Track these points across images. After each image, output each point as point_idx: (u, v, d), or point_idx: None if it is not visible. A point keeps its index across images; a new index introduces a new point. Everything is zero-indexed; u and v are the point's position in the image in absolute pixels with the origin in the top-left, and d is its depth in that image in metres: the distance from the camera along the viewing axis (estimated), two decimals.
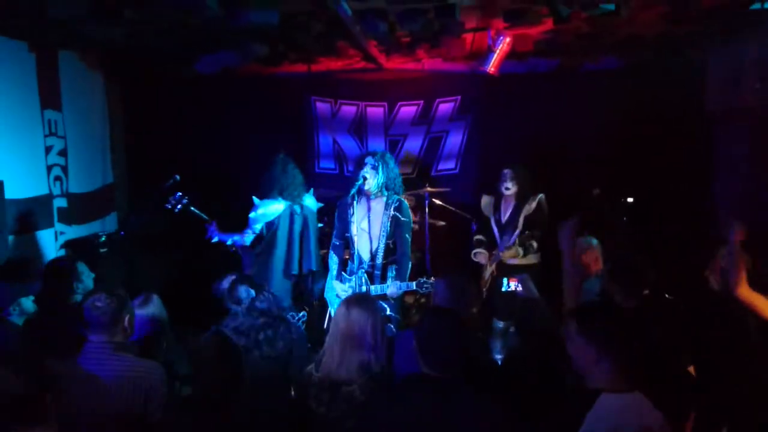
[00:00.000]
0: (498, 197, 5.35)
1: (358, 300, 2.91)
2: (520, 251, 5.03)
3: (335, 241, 4.65)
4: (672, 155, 6.23)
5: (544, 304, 3.36)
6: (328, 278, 4.68)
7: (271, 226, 4.85)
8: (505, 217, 5.26)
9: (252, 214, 4.86)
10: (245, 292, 3.47)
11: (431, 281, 4.19)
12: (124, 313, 2.70)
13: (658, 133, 6.27)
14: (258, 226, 4.84)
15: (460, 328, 2.41)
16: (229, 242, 4.93)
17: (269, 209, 4.84)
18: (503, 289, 3.89)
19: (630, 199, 6.27)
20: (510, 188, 5.20)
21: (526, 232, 5.02)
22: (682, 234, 5.83)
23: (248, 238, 4.87)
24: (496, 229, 5.32)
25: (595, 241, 4.32)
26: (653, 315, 3.02)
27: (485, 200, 5.50)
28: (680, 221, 6.02)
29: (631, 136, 6.42)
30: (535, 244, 5.06)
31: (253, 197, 4.96)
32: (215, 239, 4.94)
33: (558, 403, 2.35)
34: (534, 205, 5.15)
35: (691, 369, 2.87)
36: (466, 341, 2.43)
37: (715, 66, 5.81)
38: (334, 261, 4.62)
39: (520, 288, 3.60)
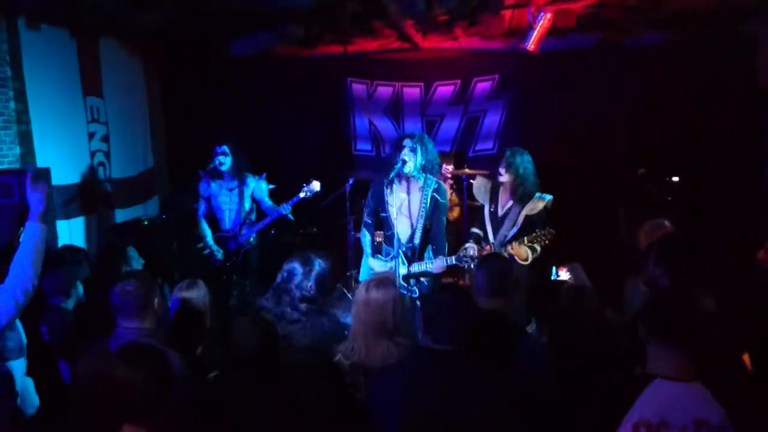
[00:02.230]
0: (496, 185, 4.65)
1: (377, 283, 2.87)
2: (530, 254, 4.30)
3: (367, 219, 4.59)
4: (720, 134, 6.01)
5: (594, 293, 3.29)
6: (364, 259, 4.67)
7: None
8: (502, 210, 4.58)
9: None
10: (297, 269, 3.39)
11: (471, 254, 4.14)
12: (152, 297, 2.70)
13: (705, 110, 6.04)
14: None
15: (466, 303, 2.43)
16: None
17: None
18: (552, 278, 3.73)
19: (676, 179, 6.10)
20: (503, 175, 4.54)
21: (537, 231, 4.31)
22: (730, 215, 5.63)
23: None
24: (489, 222, 4.62)
25: (667, 223, 4.06)
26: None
27: (479, 183, 4.79)
28: (729, 202, 5.82)
29: (677, 114, 6.21)
30: (538, 248, 4.34)
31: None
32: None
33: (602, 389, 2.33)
34: (541, 206, 4.51)
35: (746, 358, 2.77)
36: (472, 317, 2.44)
37: (767, 37, 5.56)
38: (367, 240, 4.59)
39: (570, 276, 3.50)
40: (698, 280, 2.86)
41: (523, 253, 4.28)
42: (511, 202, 4.53)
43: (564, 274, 3.49)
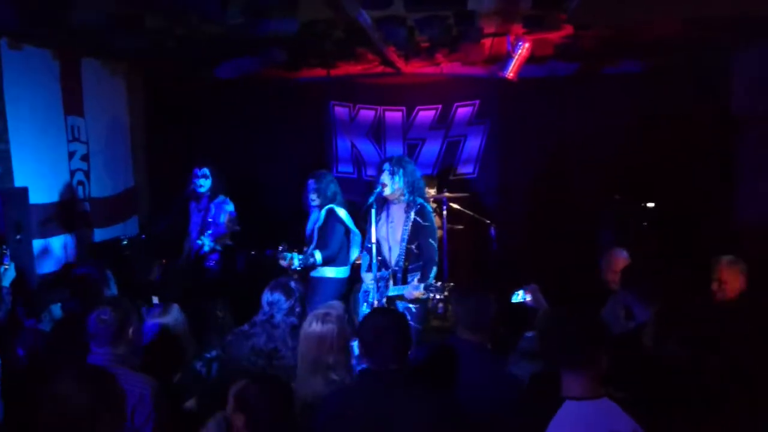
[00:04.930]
0: None
1: (320, 317, 2.85)
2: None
3: (367, 244, 4.62)
4: (694, 160, 6.15)
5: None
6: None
7: None
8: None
9: None
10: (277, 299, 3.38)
11: (438, 285, 4.10)
12: (128, 325, 2.70)
13: (680, 137, 6.19)
14: None
15: (399, 324, 2.51)
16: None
17: None
18: (514, 300, 3.74)
19: (651, 204, 6.21)
20: (314, 200, 4.95)
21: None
22: (704, 239, 5.74)
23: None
24: None
25: (625, 253, 4.22)
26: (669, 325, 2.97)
27: None
28: (702, 227, 5.94)
29: (652, 140, 6.35)
30: None
31: None
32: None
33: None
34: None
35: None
36: (406, 337, 2.50)
37: (740, 69, 5.72)
38: (365, 261, 4.64)
39: (529, 297, 3.54)
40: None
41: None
42: None
43: (525, 296, 3.52)
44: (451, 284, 4.11)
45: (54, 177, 5.47)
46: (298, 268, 4.59)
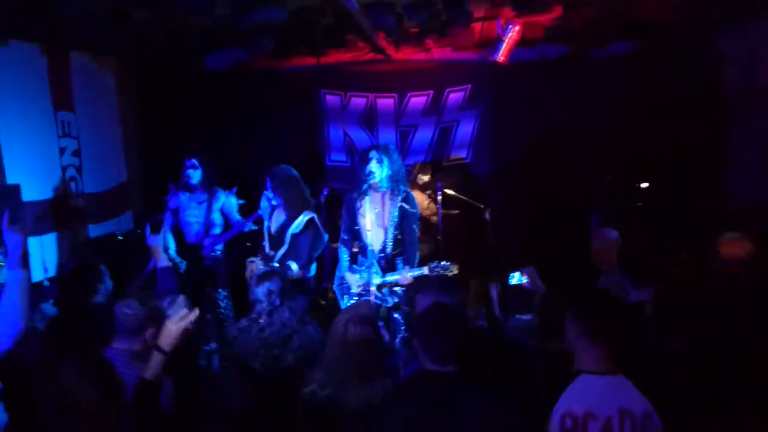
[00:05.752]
0: None
1: (356, 320, 2.72)
2: None
3: (344, 236, 4.68)
4: (686, 140, 6.16)
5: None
6: (338, 271, 4.73)
7: None
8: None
9: None
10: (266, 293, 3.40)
11: (443, 264, 4.17)
12: (149, 325, 2.71)
13: (671, 118, 6.20)
14: None
15: (461, 321, 2.52)
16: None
17: None
18: (511, 282, 3.79)
19: (644, 185, 6.24)
20: (273, 199, 4.89)
21: None
22: (697, 219, 5.78)
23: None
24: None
25: (614, 234, 4.25)
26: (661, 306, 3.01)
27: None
28: (695, 207, 5.97)
29: (644, 121, 6.36)
30: None
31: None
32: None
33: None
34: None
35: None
36: (465, 335, 2.50)
37: (731, 49, 5.73)
38: (344, 254, 4.65)
39: (527, 279, 3.57)
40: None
41: None
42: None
43: (522, 278, 3.54)
44: (452, 263, 4.17)
45: (46, 173, 5.44)
46: None
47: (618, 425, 2.19)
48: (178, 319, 2.45)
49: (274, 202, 4.86)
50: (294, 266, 4.62)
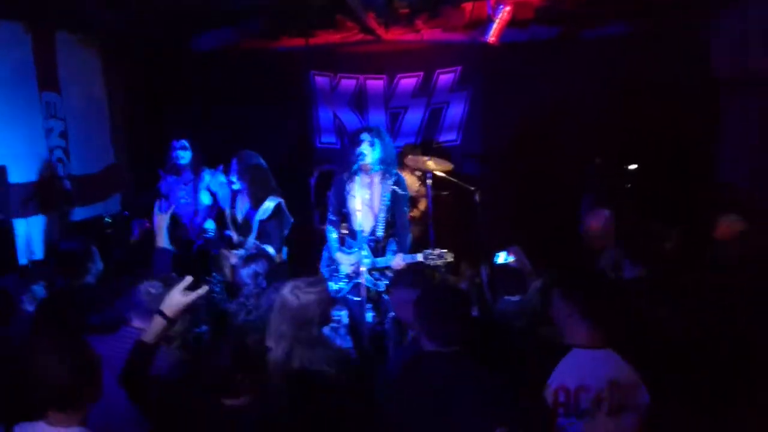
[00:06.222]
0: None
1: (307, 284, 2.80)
2: None
3: (332, 217, 4.65)
4: (677, 122, 6.18)
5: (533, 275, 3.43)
6: (325, 251, 4.72)
7: None
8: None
9: None
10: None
11: (437, 252, 4.19)
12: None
13: (662, 99, 6.21)
14: None
15: (464, 301, 2.51)
16: None
17: None
18: (497, 262, 3.81)
19: (633, 166, 6.26)
20: (235, 183, 4.83)
21: None
22: (686, 200, 5.81)
23: None
24: None
25: (607, 213, 4.28)
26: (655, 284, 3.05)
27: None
28: (685, 188, 6.00)
29: (636, 103, 6.36)
30: None
31: None
32: None
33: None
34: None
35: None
36: (468, 314, 2.52)
37: (721, 31, 5.72)
38: (332, 236, 4.64)
39: (514, 258, 3.60)
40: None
41: None
42: None
43: (508, 258, 3.58)
44: (447, 251, 4.18)
45: (32, 155, 5.36)
46: None
47: (608, 396, 2.27)
48: (185, 290, 2.42)
49: (236, 186, 4.79)
50: (271, 250, 4.60)
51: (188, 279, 2.46)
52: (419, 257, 4.24)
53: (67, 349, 2.02)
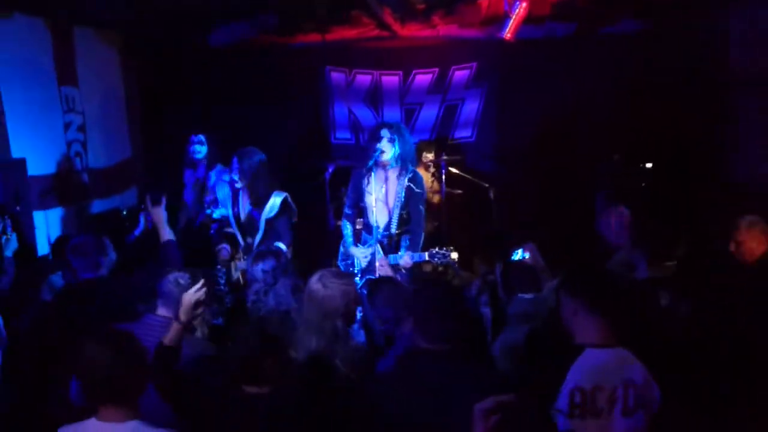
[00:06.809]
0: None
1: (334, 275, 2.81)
2: None
3: (347, 210, 4.66)
4: (693, 120, 6.12)
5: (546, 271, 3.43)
6: (342, 246, 4.73)
7: None
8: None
9: None
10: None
11: (443, 251, 4.19)
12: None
13: (678, 98, 6.15)
14: None
15: (459, 299, 2.49)
16: None
17: None
18: (514, 258, 3.79)
19: (649, 165, 6.21)
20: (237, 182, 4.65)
21: None
22: (701, 200, 5.76)
23: None
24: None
25: (626, 211, 4.24)
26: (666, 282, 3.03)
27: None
28: (701, 187, 5.95)
29: (649, 101, 6.31)
30: None
31: None
32: None
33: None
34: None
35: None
36: (464, 312, 2.51)
37: (736, 29, 5.67)
38: (348, 230, 4.65)
39: (529, 255, 3.60)
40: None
41: None
42: None
43: (524, 254, 3.58)
44: (452, 249, 4.17)
45: (51, 148, 5.45)
46: None
47: (622, 395, 2.26)
48: (193, 291, 2.49)
49: (238, 185, 4.63)
50: (283, 246, 4.49)
51: (201, 281, 2.53)
52: (425, 256, 4.25)
53: (121, 342, 2.04)
